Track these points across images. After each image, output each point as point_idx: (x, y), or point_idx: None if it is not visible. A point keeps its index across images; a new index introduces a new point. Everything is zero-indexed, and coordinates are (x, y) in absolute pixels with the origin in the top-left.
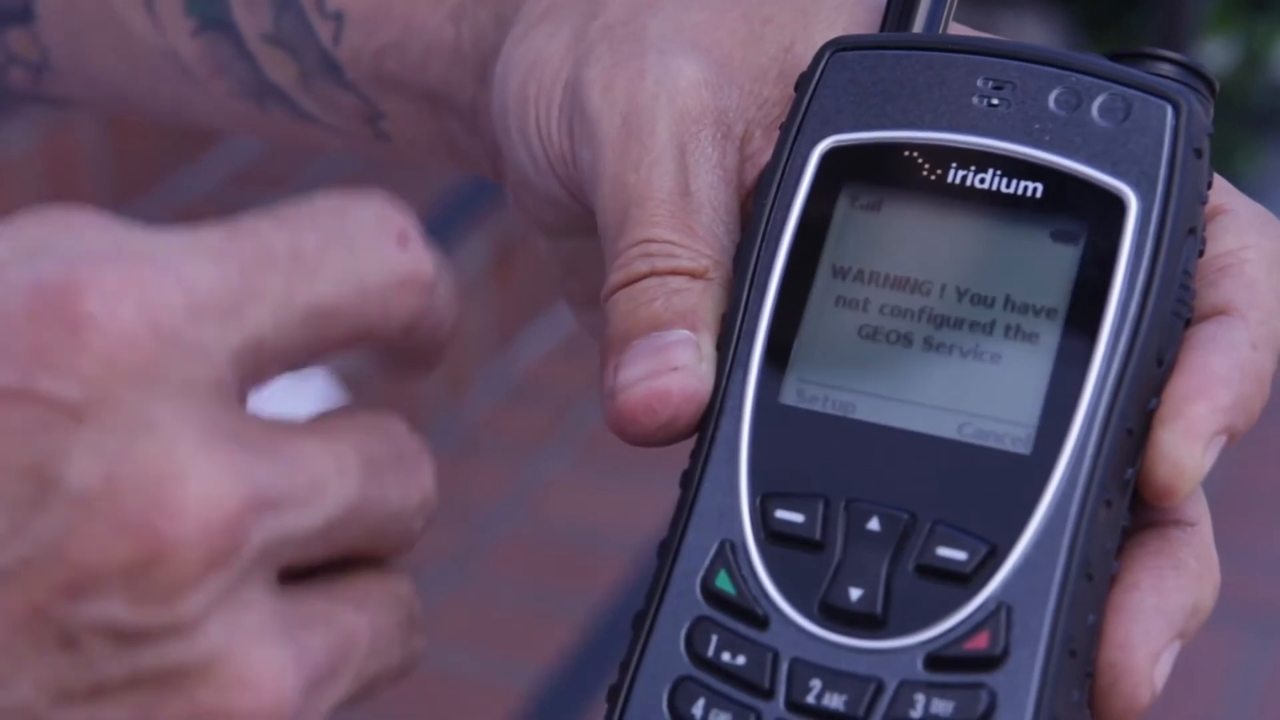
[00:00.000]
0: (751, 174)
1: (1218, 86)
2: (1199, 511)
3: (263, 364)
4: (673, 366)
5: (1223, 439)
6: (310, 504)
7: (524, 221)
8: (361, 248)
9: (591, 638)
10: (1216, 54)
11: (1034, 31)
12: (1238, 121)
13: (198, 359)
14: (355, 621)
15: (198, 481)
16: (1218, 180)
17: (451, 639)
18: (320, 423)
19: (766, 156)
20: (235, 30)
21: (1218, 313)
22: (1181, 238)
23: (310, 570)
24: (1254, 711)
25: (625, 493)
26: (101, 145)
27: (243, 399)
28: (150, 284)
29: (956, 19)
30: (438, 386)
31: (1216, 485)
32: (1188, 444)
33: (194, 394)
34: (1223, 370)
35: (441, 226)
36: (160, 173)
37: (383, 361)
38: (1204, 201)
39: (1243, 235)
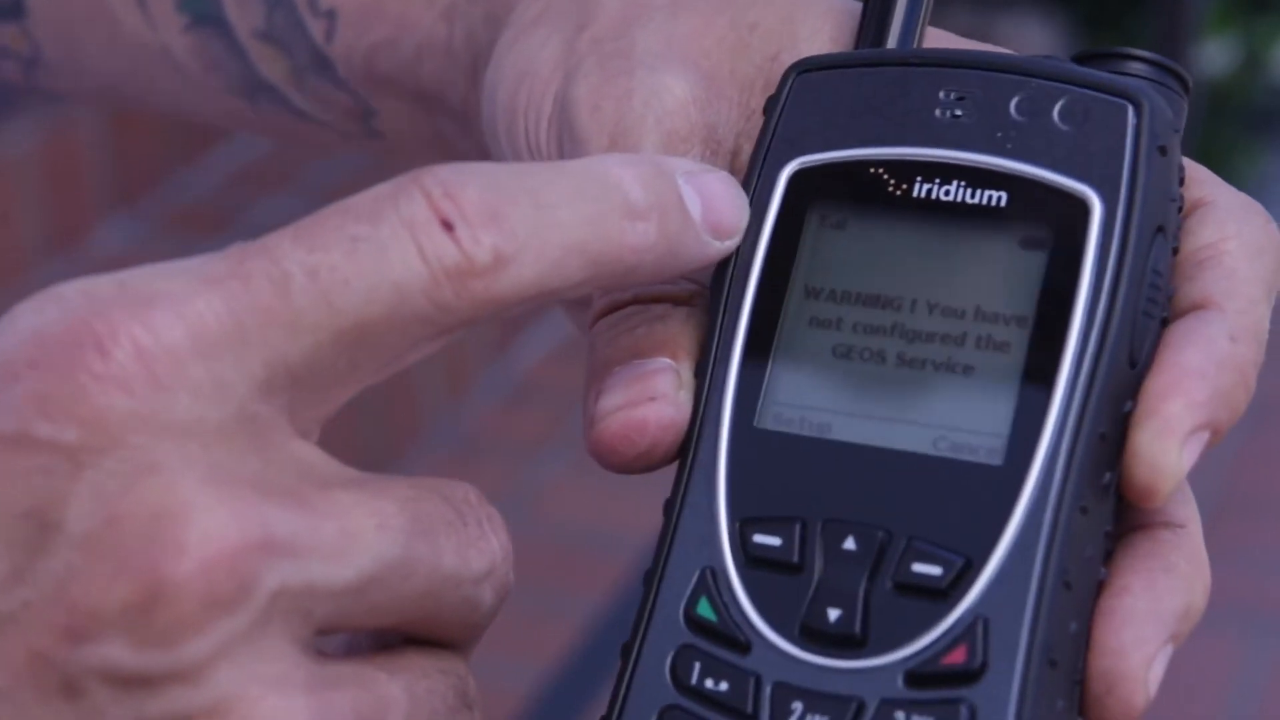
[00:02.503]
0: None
1: (1191, 82)
2: (1188, 513)
3: (306, 390)
4: (650, 396)
5: (1204, 435)
6: (339, 556)
7: None
8: (394, 246)
9: (591, 638)
10: (1216, 55)
11: (1035, 34)
12: (1238, 122)
13: (209, 396)
14: (392, 689)
15: (198, 518)
16: (1200, 172)
17: None
18: (369, 479)
19: None
20: (227, 26)
21: (1197, 307)
22: (1149, 237)
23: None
24: (1255, 713)
25: (625, 494)
26: (102, 146)
27: (303, 430)
28: (151, 323)
29: (958, 22)
30: (438, 388)
31: (1219, 489)
32: (1163, 443)
33: (202, 433)
34: (1198, 365)
35: None
36: (161, 173)
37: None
38: (1174, 199)
39: (1222, 226)
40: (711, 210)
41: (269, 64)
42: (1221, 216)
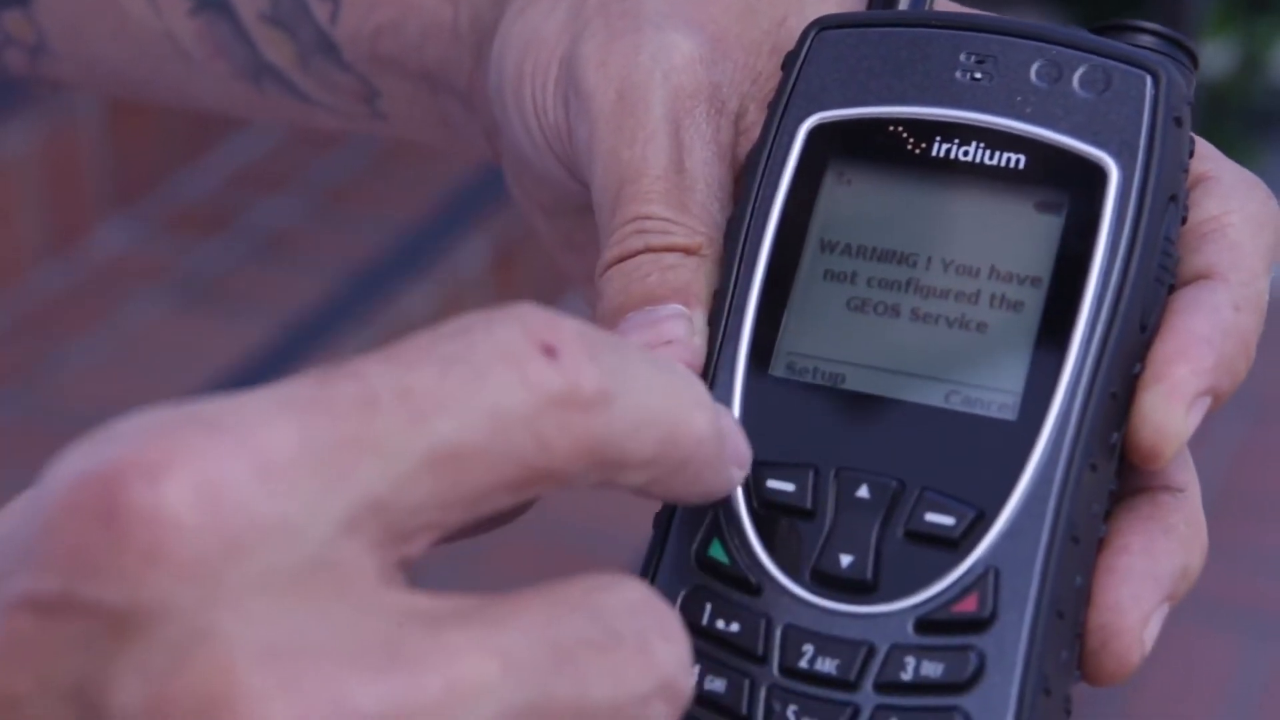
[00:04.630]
0: (746, 149)
1: (1200, 56)
2: (1188, 477)
3: (399, 530)
4: (665, 340)
5: (1206, 401)
6: (450, 715)
7: (520, 201)
8: (493, 371)
9: None
10: (1216, 55)
11: None
12: (1238, 122)
13: (279, 540)
14: None
15: (254, 707)
16: (1203, 146)
17: None
18: (490, 606)
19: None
20: (232, 10)
21: (1201, 277)
22: (1163, 205)
23: None
24: (1254, 712)
25: (624, 495)
26: (102, 146)
27: (386, 575)
28: (207, 455)
29: None
30: None
31: (1217, 488)
32: (1170, 406)
33: (270, 587)
34: (1204, 333)
35: (442, 227)
36: (160, 174)
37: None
38: (1185, 169)
39: (1226, 200)
40: (734, 442)
41: (274, 48)
42: (1225, 191)
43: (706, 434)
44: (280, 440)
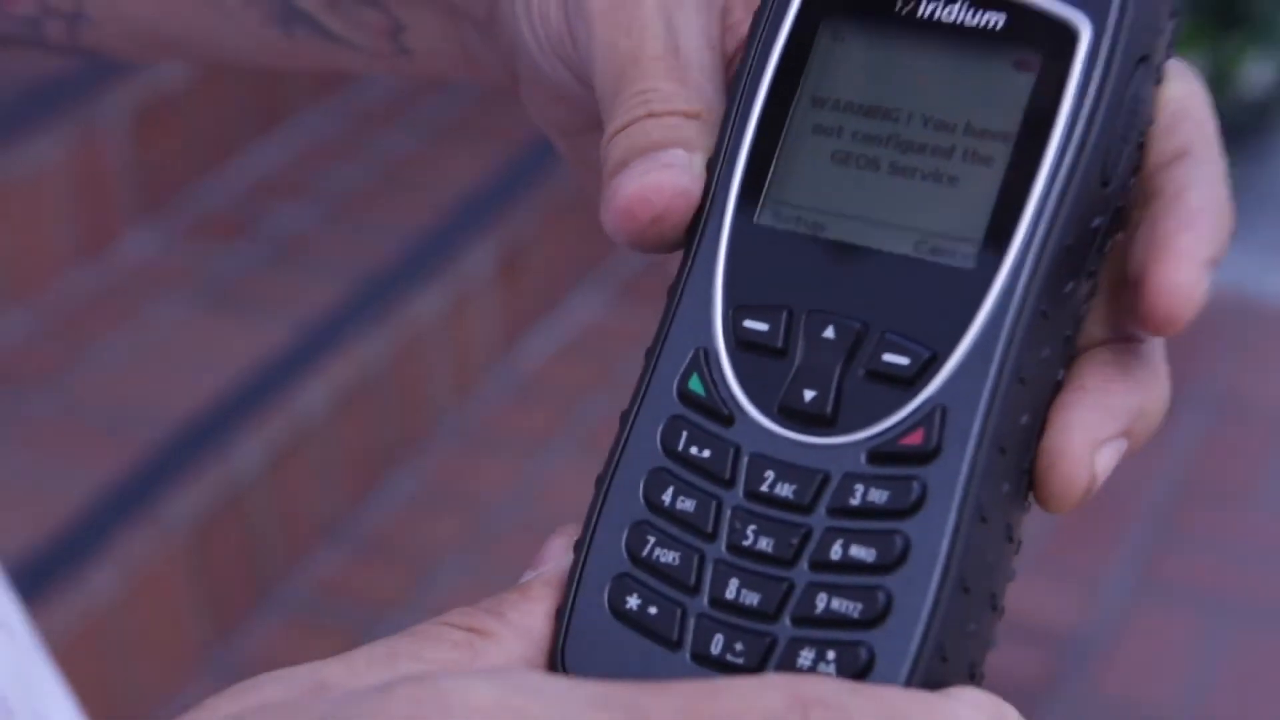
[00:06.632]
0: (731, 43)
1: None
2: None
3: None
4: (666, 164)
5: (1212, 268)
6: None
7: (541, 124)
8: None
9: None
10: None
11: None
12: None
13: None
14: None
15: None
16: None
17: None
18: None
19: (745, 27)
20: None
21: (1180, 154)
22: (1131, 65)
23: None
24: (1212, 686)
25: None
26: (127, 156)
27: None
28: None
29: None
30: (446, 387)
31: (1181, 480)
32: (1182, 270)
33: None
34: (1199, 204)
35: (451, 234)
36: (183, 183)
37: None
38: (1160, 32)
39: (1188, 83)
40: None
41: None
42: (1184, 73)
43: None
44: None
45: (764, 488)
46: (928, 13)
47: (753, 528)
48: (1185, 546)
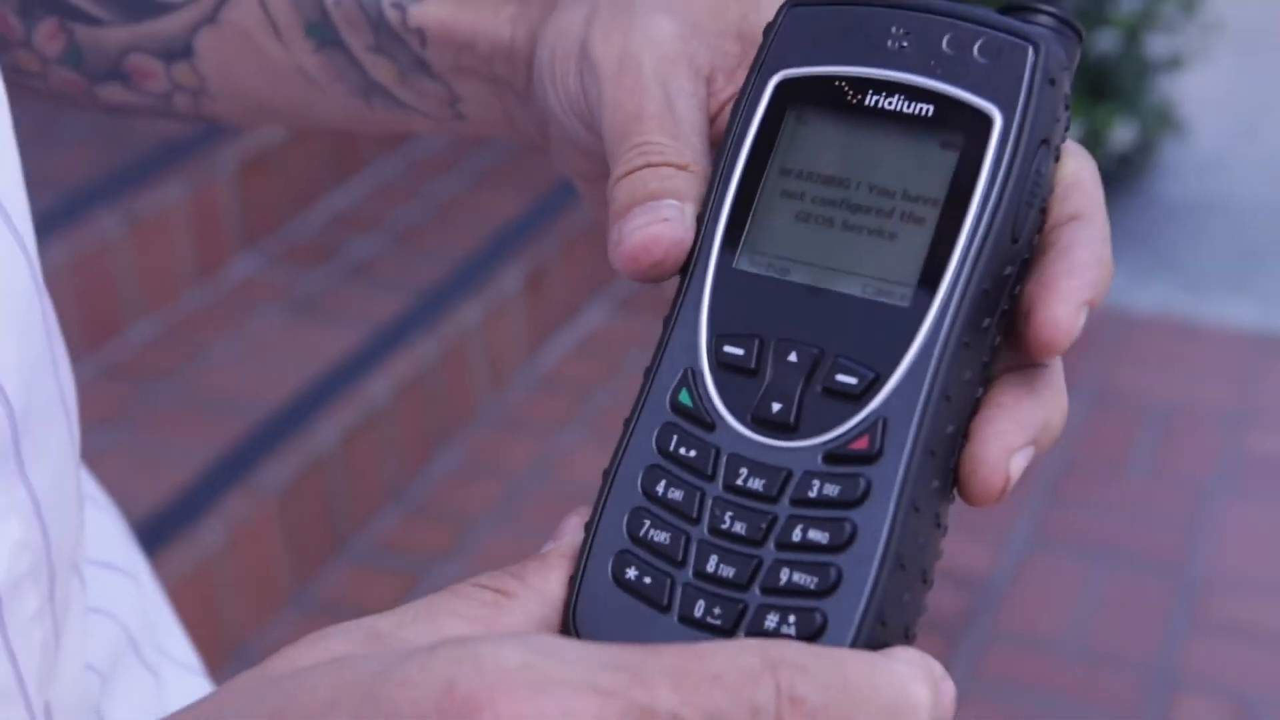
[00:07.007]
0: (714, 106)
1: (1084, 33)
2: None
3: None
4: (664, 218)
5: (1087, 308)
6: None
7: (567, 174)
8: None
9: None
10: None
11: None
12: None
13: None
14: None
15: None
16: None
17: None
18: None
19: (727, 93)
20: (345, 46)
21: (1073, 217)
22: (1035, 146)
23: None
24: (1094, 624)
25: None
26: (235, 198)
27: None
28: (538, 708)
29: None
30: (483, 380)
31: (1067, 456)
32: (1064, 308)
33: None
34: (1084, 257)
35: (489, 259)
36: (279, 218)
37: None
38: (1058, 119)
39: (1079, 160)
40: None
41: (380, 70)
42: (1077, 152)
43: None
44: (580, 710)
45: (739, 481)
46: (873, 102)
47: (729, 514)
48: (1070, 508)
